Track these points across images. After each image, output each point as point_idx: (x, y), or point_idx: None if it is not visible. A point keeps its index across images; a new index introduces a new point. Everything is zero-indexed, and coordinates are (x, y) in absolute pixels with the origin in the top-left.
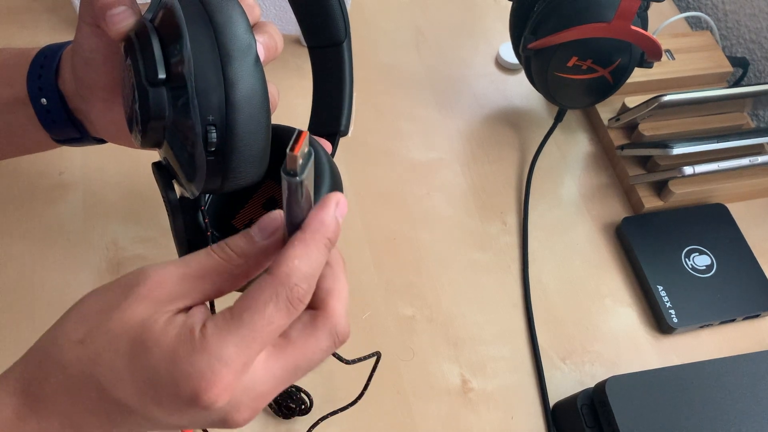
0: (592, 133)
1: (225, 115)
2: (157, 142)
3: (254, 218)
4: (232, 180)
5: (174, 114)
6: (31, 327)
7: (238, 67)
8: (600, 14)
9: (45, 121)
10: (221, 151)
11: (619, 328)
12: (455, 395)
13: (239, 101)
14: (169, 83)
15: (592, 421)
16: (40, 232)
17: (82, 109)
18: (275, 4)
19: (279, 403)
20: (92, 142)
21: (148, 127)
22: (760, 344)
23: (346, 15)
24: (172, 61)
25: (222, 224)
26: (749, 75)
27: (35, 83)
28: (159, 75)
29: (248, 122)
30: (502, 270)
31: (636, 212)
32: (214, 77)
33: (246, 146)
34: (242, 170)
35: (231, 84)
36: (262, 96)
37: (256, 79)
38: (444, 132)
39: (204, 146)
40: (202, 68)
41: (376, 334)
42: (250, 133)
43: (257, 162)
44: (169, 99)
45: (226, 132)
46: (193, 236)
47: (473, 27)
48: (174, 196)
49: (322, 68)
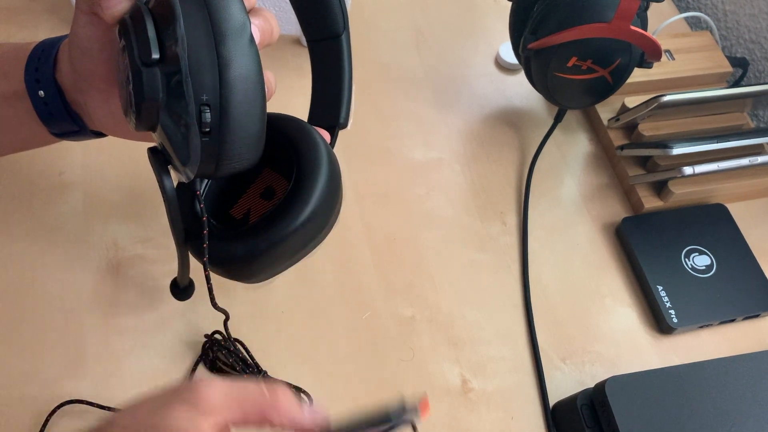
0: (591, 133)
1: (219, 94)
2: (151, 124)
3: (252, 207)
4: (227, 163)
5: (168, 95)
6: (32, 327)
7: (232, 47)
8: (600, 14)
9: (43, 114)
10: (216, 132)
11: (619, 328)
12: (455, 395)
13: (233, 80)
14: (163, 63)
15: (592, 422)
16: (40, 232)
17: (80, 101)
18: (275, 4)
19: None
20: (91, 136)
21: (142, 108)
22: (760, 344)
23: (344, 7)
24: (166, 41)
25: (220, 214)
26: (749, 75)
27: (32, 76)
28: (153, 55)
29: (243, 102)
30: (502, 270)
31: (636, 212)
32: (207, 56)
33: (241, 127)
34: (237, 152)
35: (225, 63)
36: (257, 76)
37: (251, 59)
38: (444, 132)
39: (198, 127)
40: (195, 47)
41: (376, 334)
42: (245, 114)
43: (252, 144)
44: (163, 79)
45: (221, 112)
46: (189, 224)
47: (473, 27)
48: (170, 182)
49: (321, 61)
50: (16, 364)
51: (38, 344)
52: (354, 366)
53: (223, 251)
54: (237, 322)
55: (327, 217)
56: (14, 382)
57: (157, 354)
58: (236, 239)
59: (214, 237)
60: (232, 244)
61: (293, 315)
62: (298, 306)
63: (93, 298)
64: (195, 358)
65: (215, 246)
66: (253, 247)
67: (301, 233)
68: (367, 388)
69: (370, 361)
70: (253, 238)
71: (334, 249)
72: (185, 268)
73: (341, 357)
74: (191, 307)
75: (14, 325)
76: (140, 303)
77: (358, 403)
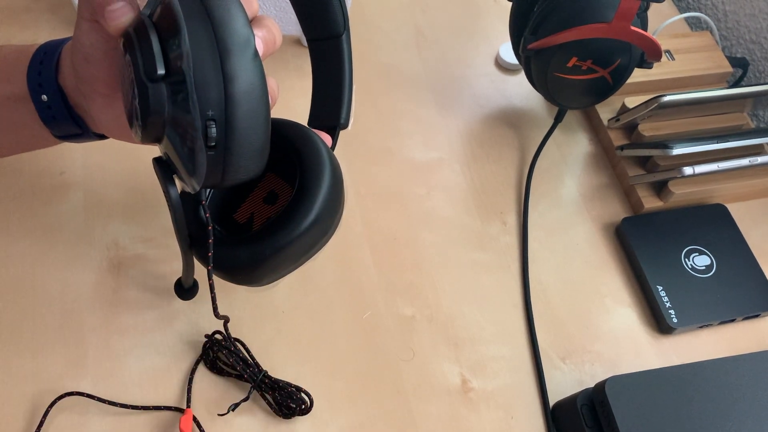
0: (591, 134)
1: (224, 110)
2: (157, 137)
3: (255, 212)
4: (233, 174)
5: (173, 109)
6: (32, 326)
7: (236, 62)
8: (600, 15)
9: (45, 117)
10: (221, 146)
11: (619, 328)
12: (455, 395)
13: (238, 96)
14: (168, 79)
15: (592, 421)
16: (41, 232)
17: (82, 104)
18: (275, 4)
19: (279, 403)
20: (93, 138)
21: (148, 123)
22: (760, 344)
23: (344, 7)
24: (170, 56)
25: (224, 219)
26: (749, 75)
27: (35, 79)
28: (158, 71)
29: (248, 117)
30: (502, 270)
31: (636, 212)
32: (212, 72)
33: (246, 141)
34: (242, 165)
35: (230, 79)
36: (262, 90)
37: (255, 73)
38: (444, 132)
39: (204, 141)
40: (200, 63)
41: (376, 334)
42: (250, 128)
43: (257, 156)
44: (168, 94)
45: (226, 127)
46: (194, 231)
47: (473, 27)
48: (175, 192)
49: (321, 61)
50: (17, 363)
51: (39, 343)
52: (354, 366)
53: (228, 257)
54: (237, 322)
55: (330, 222)
56: (14, 380)
57: (157, 353)
58: (241, 245)
59: (218, 243)
60: (237, 249)
61: (293, 315)
62: (298, 306)
63: (93, 298)
64: (195, 358)
65: (220, 252)
66: (258, 252)
67: (305, 238)
68: (367, 388)
69: (370, 361)
70: (258, 244)
71: (334, 249)
72: (190, 272)
73: (341, 357)
74: (192, 307)
75: (14, 324)
76: (141, 302)
77: (358, 402)
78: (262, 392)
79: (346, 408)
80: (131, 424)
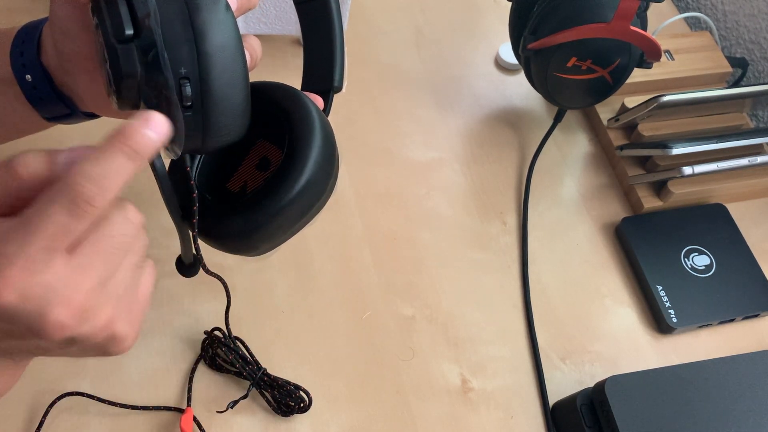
0: (591, 133)
1: (198, 67)
2: (133, 102)
3: (248, 180)
4: (214, 136)
5: (146, 71)
6: None
7: (206, 17)
8: (599, 14)
9: (32, 97)
10: (198, 106)
11: (618, 328)
12: (455, 395)
13: (211, 51)
14: (138, 39)
15: (592, 421)
16: None
17: (67, 82)
18: (275, 4)
19: (278, 401)
20: (83, 118)
21: (121, 87)
22: (760, 344)
23: None
24: (138, 15)
25: (217, 188)
26: (748, 75)
27: (18, 60)
28: (126, 31)
29: (222, 73)
30: (502, 270)
31: (635, 212)
32: (182, 28)
33: (223, 99)
34: (222, 125)
35: (200, 34)
36: (235, 45)
37: (227, 27)
38: (444, 132)
39: (179, 101)
40: (169, 20)
41: (376, 334)
42: (226, 85)
43: (237, 116)
44: (139, 55)
45: (201, 84)
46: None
47: (473, 27)
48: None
49: (310, 24)
50: None
51: None
52: (353, 366)
53: (222, 226)
54: (237, 321)
55: (324, 185)
56: None
57: (157, 352)
58: (234, 213)
59: (212, 212)
60: (230, 218)
61: (293, 315)
62: (298, 306)
63: None
64: (195, 358)
65: (214, 221)
66: (251, 220)
67: (299, 203)
68: (367, 388)
69: (369, 361)
70: (250, 211)
71: (334, 249)
72: (187, 245)
73: (341, 357)
74: (192, 306)
75: None
76: None
77: (358, 402)
78: (261, 390)
79: (345, 408)
80: (131, 424)
